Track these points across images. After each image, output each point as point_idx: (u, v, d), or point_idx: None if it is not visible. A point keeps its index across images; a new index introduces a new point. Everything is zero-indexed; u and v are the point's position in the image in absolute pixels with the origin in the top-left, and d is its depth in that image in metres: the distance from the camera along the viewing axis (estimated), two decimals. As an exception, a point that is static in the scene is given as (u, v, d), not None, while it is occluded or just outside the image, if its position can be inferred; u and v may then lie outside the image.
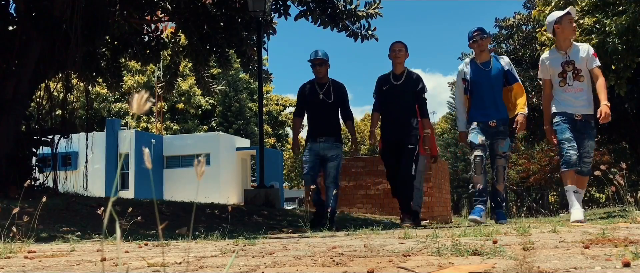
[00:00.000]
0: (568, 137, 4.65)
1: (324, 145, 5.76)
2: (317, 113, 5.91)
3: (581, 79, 4.77)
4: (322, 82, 5.93)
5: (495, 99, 5.31)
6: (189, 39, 8.97)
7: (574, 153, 4.61)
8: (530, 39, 13.52)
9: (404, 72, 5.79)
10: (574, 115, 4.71)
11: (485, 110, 5.31)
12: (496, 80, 5.36)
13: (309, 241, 2.75)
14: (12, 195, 5.53)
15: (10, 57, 6.50)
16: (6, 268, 1.67)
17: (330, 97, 5.86)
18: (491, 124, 5.25)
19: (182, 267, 1.61)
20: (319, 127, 5.84)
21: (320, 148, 5.76)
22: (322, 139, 5.76)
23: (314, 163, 5.75)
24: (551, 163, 25.91)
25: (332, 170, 5.77)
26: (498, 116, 5.27)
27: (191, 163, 22.30)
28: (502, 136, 5.27)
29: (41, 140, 6.86)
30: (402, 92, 5.72)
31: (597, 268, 1.27)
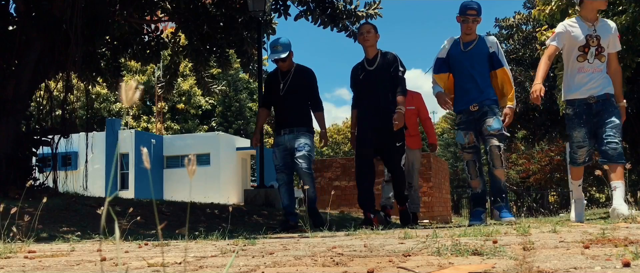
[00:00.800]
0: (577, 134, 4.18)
1: (288, 137, 5.26)
2: (281, 104, 5.40)
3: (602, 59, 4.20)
4: (287, 69, 5.42)
5: (476, 81, 4.77)
6: (189, 39, 8.97)
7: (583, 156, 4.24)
8: (530, 39, 13.53)
9: (377, 55, 5.26)
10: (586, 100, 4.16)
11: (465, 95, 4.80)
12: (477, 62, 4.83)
13: (309, 241, 2.75)
14: (12, 195, 5.53)
15: (10, 57, 6.50)
16: (6, 268, 1.67)
17: (294, 86, 5.34)
18: (472, 108, 4.72)
19: (182, 267, 1.61)
20: (283, 120, 5.36)
21: (286, 140, 5.26)
22: (286, 131, 5.28)
23: (284, 160, 5.27)
24: (551, 163, 25.93)
25: (302, 161, 5.15)
26: (480, 97, 4.72)
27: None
28: (489, 115, 4.68)
29: (41, 140, 6.86)
30: (378, 77, 5.20)
31: (597, 268, 1.27)
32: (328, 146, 27.67)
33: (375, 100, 5.19)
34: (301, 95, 5.38)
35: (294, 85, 5.35)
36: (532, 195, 26.42)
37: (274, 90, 5.45)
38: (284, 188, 5.31)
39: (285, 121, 5.33)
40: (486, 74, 4.82)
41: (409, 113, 6.02)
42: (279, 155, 5.28)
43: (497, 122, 4.66)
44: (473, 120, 4.74)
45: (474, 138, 4.75)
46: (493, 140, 4.64)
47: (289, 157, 5.26)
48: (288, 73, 5.40)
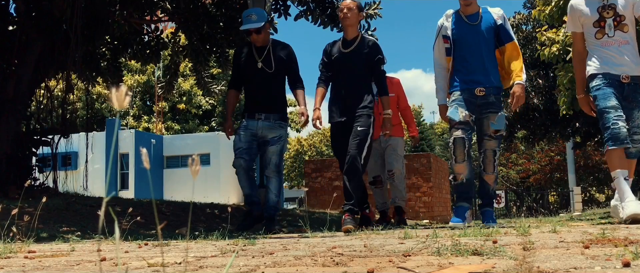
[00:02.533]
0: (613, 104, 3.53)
1: (263, 124, 4.65)
2: (255, 85, 4.76)
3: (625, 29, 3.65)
4: (262, 45, 4.78)
5: (484, 61, 4.17)
6: (189, 39, 8.97)
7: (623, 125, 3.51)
8: (530, 39, 13.53)
9: (357, 38, 4.67)
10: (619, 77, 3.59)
11: (470, 74, 4.17)
12: (486, 38, 4.21)
13: (309, 241, 2.75)
14: (12, 195, 5.53)
15: (10, 57, 6.50)
16: (6, 268, 1.67)
17: (271, 65, 4.72)
18: (478, 92, 4.11)
19: (182, 267, 1.61)
20: (258, 102, 4.73)
21: (258, 127, 4.66)
22: (261, 116, 4.66)
23: (249, 144, 4.65)
24: (551, 163, 25.94)
25: (273, 157, 4.65)
26: (488, 83, 4.13)
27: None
28: (493, 109, 4.12)
29: (41, 140, 6.86)
30: (353, 62, 4.63)
31: (597, 268, 1.27)
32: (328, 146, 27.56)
33: (344, 87, 4.64)
34: (279, 74, 4.78)
35: (272, 62, 4.72)
36: (532, 195, 26.43)
37: (247, 68, 4.80)
38: (243, 175, 4.66)
39: (261, 104, 4.71)
40: (493, 52, 4.27)
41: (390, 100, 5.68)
42: (244, 138, 4.65)
43: (501, 120, 4.15)
44: (474, 103, 4.15)
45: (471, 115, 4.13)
46: (492, 142, 4.16)
47: (255, 144, 4.70)
48: (264, 49, 4.77)
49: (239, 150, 4.66)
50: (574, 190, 19.65)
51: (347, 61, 4.65)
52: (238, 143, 4.67)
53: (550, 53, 7.76)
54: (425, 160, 11.38)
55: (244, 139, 4.66)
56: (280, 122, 4.73)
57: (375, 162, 5.80)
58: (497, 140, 4.18)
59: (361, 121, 4.48)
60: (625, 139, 3.49)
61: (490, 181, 4.25)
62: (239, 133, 4.71)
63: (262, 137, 4.68)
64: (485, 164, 4.20)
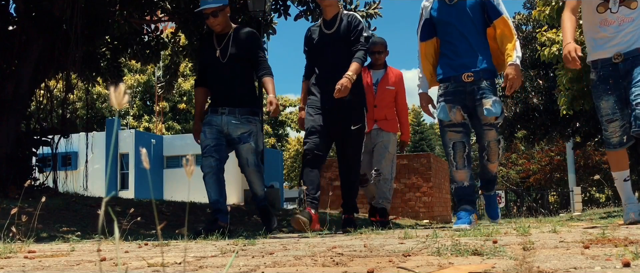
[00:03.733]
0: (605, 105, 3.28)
1: (227, 119, 4.18)
2: (215, 76, 4.31)
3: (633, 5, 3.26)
4: (222, 32, 4.30)
5: (471, 43, 3.77)
6: (189, 39, 8.97)
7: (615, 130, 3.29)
8: (530, 39, 13.52)
9: (337, 16, 4.29)
10: (611, 59, 3.28)
11: (457, 58, 3.77)
12: (471, 17, 3.79)
13: (309, 241, 2.75)
14: (12, 195, 5.53)
15: (10, 57, 6.50)
16: (6, 268, 1.66)
17: (233, 52, 4.23)
18: (466, 78, 3.72)
19: (182, 267, 1.61)
20: (219, 95, 4.29)
21: (223, 123, 4.19)
22: (225, 111, 4.20)
23: (217, 141, 4.18)
24: (551, 163, 25.94)
25: (249, 156, 4.21)
26: (476, 65, 3.72)
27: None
28: (486, 94, 3.69)
29: (41, 140, 6.86)
30: (336, 44, 4.26)
31: (597, 268, 1.27)
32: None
33: (330, 71, 4.24)
34: (243, 63, 4.29)
35: (234, 50, 4.24)
36: (532, 195, 26.43)
37: (206, 58, 4.37)
38: (211, 177, 4.17)
39: (224, 97, 4.26)
40: (482, 32, 3.83)
41: (388, 93, 5.37)
42: (210, 136, 4.19)
43: (497, 105, 3.70)
44: (463, 92, 3.76)
45: (463, 114, 3.77)
46: (492, 132, 3.80)
47: (224, 141, 4.24)
48: (225, 37, 4.29)
49: (207, 148, 4.16)
50: (574, 190, 19.65)
51: (331, 43, 4.28)
52: (204, 140, 4.19)
53: (550, 53, 7.76)
54: (425, 160, 11.38)
55: (210, 136, 4.18)
56: (247, 116, 4.23)
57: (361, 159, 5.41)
58: (496, 128, 3.86)
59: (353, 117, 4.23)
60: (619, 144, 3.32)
61: (494, 169, 4.15)
62: (204, 131, 4.23)
63: (229, 135, 4.21)
64: (490, 154, 3.95)
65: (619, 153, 3.37)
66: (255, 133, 4.28)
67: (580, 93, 8.26)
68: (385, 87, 5.39)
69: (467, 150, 3.80)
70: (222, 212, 4.17)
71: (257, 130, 4.32)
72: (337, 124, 4.24)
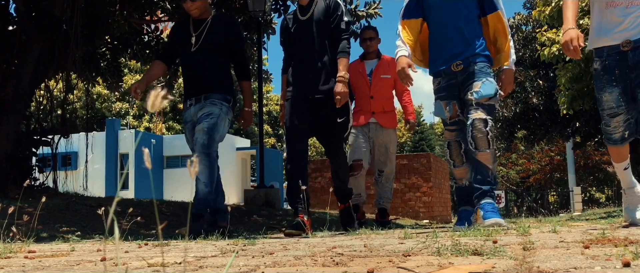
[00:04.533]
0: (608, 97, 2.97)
1: (194, 109, 3.85)
2: (190, 64, 3.95)
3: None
4: (200, 18, 3.94)
5: (461, 29, 3.48)
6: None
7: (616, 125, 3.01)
8: (530, 39, 13.53)
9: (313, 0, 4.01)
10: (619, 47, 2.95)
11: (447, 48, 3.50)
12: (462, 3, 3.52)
13: (309, 241, 2.75)
14: (12, 195, 5.53)
15: (10, 57, 6.50)
16: (6, 268, 1.66)
17: (209, 41, 3.88)
18: (455, 67, 3.46)
19: (182, 267, 1.61)
20: (190, 85, 3.95)
21: (191, 114, 3.88)
22: (192, 101, 3.87)
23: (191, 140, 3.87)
24: (551, 163, 25.95)
25: (198, 135, 3.70)
26: (467, 52, 3.45)
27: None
28: (476, 76, 3.40)
29: (41, 140, 6.86)
30: (315, 30, 3.96)
31: (597, 268, 1.27)
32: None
33: (309, 60, 3.95)
34: (219, 54, 3.92)
35: (210, 39, 3.89)
36: (532, 195, 26.44)
37: (180, 43, 4.00)
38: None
39: (193, 88, 3.91)
40: (474, 20, 3.55)
41: (384, 82, 5.14)
42: (188, 136, 3.93)
43: (487, 87, 3.37)
44: (456, 84, 3.50)
45: (459, 110, 3.52)
46: (477, 111, 3.32)
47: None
48: (203, 23, 3.93)
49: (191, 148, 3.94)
50: (574, 190, 19.66)
51: (307, 30, 3.98)
52: (188, 142, 3.98)
53: (550, 53, 7.77)
54: (425, 160, 11.37)
55: (190, 136, 3.90)
56: (213, 99, 3.81)
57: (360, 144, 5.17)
58: (486, 109, 3.35)
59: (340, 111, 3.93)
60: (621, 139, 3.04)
61: (487, 160, 3.36)
62: (184, 128, 4.01)
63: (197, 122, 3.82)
64: (476, 140, 3.33)
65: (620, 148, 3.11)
66: (216, 115, 3.77)
67: (580, 93, 8.27)
68: (380, 76, 5.12)
69: (464, 146, 3.53)
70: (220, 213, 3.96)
71: (221, 114, 3.80)
72: (320, 115, 3.94)
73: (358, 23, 8.74)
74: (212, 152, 3.70)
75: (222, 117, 3.80)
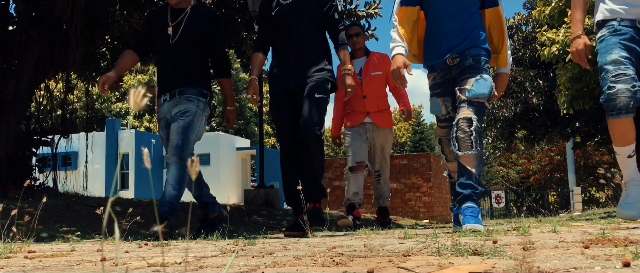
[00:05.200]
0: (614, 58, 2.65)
1: (168, 105, 3.63)
2: (165, 57, 3.72)
3: None
4: (179, 7, 3.68)
5: (461, 23, 3.24)
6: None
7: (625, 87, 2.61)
8: (530, 39, 13.54)
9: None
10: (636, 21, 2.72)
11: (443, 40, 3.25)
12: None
13: (309, 241, 2.75)
14: (12, 195, 5.53)
15: (10, 57, 6.50)
16: (6, 268, 1.66)
17: (188, 34, 3.64)
18: (451, 61, 3.20)
19: (182, 267, 1.61)
20: (165, 79, 3.70)
21: (165, 111, 3.65)
22: (167, 97, 3.64)
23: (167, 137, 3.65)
24: (551, 163, 25.95)
25: (173, 136, 3.50)
26: (462, 45, 3.19)
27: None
28: (470, 73, 3.13)
29: (41, 140, 6.86)
30: (299, 13, 3.66)
31: (597, 268, 1.27)
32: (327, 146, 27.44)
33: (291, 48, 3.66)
34: (197, 47, 3.69)
35: (188, 32, 3.64)
36: (532, 195, 26.44)
37: (155, 34, 3.74)
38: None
39: (168, 82, 3.67)
40: (474, 12, 3.30)
41: (376, 80, 4.96)
42: (162, 133, 3.72)
43: (481, 85, 3.08)
44: (451, 79, 3.24)
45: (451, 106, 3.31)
46: (464, 110, 3.06)
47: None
48: (181, 12, 3.68)
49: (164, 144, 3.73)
50: (574, 190, 19.66)
51: (291, 13, 3.67)
52: (163, 141, 3.75)
53: (550, 53, 7.77)
54: (425, 160, 11.38)
55: (164, 133, 3.70)
56: (189, 95, 3.59)
57: (360, 146, 4.95)
58: (474, 107, 3.07)
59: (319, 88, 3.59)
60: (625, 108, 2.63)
61: (470, 164, 3.04)
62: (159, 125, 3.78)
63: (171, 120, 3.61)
64: (459, 140, 3.04)
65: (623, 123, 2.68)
66: (193, 114, 3.54)
67: (580, 93, 8.27)
68: (371, 73, 4.95)
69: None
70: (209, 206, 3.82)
71: (198, 112, 3.58)
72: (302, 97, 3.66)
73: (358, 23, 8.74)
74: (185, 155, 3.49)
75: (199, 114, 3.58)
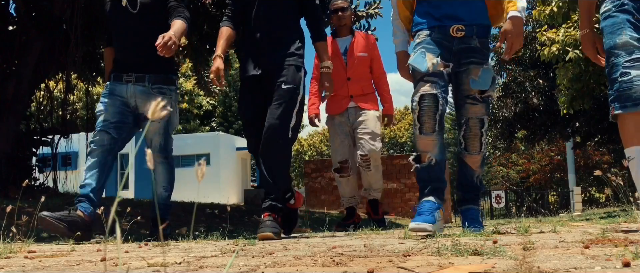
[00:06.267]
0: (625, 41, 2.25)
1: (134, 89, 3.34)
2: (124, 31, 3.42)
3: None
4: None
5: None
6: (189, 39, 8.98)
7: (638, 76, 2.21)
8: (530, 39, 13.54)
9: None
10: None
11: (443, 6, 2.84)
12: None
13: (309, 241, 2.75)
14: (12, 195, 5.54)
15: (10, 57, 6.51)
16: (6, 268, 1.66)
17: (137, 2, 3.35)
18: (455, 32, 2.80)
19: (182, 267, 1.61)
20: (127, 56, 3.41)
21: (129, 94, 3.34)
22: (131, 78, 3.34)
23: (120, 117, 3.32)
24: (551, 163, 25.96)
25: (154, 137, 3.36)
26: (468, 18, 2.83)
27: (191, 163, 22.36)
28: (476, 58, 2.83)
29: (41, 140, 6.87)
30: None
31: (597, 268, 1.27)
32: (328, 146, 27.41)
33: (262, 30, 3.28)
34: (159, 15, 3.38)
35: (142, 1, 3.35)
36: (532, 195, 26.44)
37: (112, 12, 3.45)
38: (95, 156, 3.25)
39: (132, 60, 3.38)
40: None
41: (361, 61, 4.51)
42: (112, 109, 3.32)
43: (486, 75, 2.82)
44: (449, 49, 2.83)
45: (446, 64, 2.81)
46: (477, 107, 2.84)
47: (130, 117, 3.37)
48: None
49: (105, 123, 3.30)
50: (574, 190, 19.67)
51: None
52: (103, 113, 3.32)
53: (550, 53, 7.77)
54: (425, 160, 11.39)
55: (113, 110, 3.32)
56: (160, 86, 3.36)
57: (341, 143, 4.52)
58: (485, 104, 2.87)
59: (286, 76, 3.19)
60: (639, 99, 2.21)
61: (475, 165, 2.93)
62: (104, 100, 3.36)
63: (136, 109, 3.35)
64: (468, 140, 2.89)
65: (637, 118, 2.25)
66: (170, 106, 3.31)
67: (580, 93, 8.27)
68: (356, 54, 4.49)
69: (441, 108, 2.71)
70: (87, 200, 3.23)
71: (173, 104, 3.39)
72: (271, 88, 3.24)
73: (358, 23, 8.74)
74: (170, 154, 3.41)
75: (173, 106, 3.38)
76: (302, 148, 38.25)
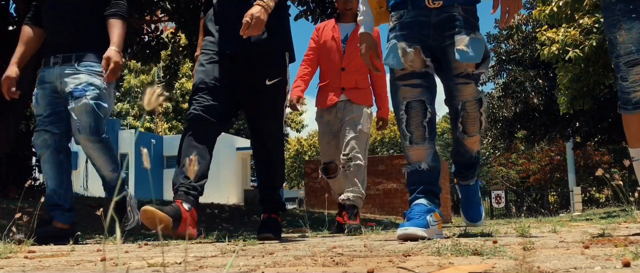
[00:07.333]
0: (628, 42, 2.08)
1: (60, 70, 3.05)
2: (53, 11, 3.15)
3: None
4: None
5: None
6: (189, 39, 8.99)
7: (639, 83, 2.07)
8: (530, 39, 13.55)
9: None
10: None
11: None
12: None
13: (309, 241, 2.75)
14: (12, 195, 5.54)
15: (10, 57, 6.50)
16: (6, 268, 1.67)
17: None
18: (431, 2, 2.38)
19: (182, 267, 1.61)
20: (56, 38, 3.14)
21: (56, 76, 3.06)
22: (59, 59, 3.08)
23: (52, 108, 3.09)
24: (551, 163, 25.97)
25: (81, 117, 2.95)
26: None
27: (191, 163, 22.32)
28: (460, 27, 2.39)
29: (41, 140, 6.86)
30: None
31: (597, 268, 1.27)
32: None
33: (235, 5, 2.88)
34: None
35: None
36: (532, 195, 26.45)
37: None
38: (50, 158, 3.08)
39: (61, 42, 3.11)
40: None
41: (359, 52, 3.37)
42: (43, 101, 3.10)
43: (477, 45, 2.38)
44: (427, 25, 2.43)
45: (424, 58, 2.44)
46: (468, 87, 2.47)
47: (62, 104, 3.08)
48: None
49: (40, 119, 3.10)
50: (574, 190, 19.67)
51: None
52: (36, 108, 3.13)
53: (550, 53, 7.78)
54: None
55: (43, 101, 3.09)
56: (89, 64, 3.04)
57: (327, 144, 4.22)
58: (477, 80, 2.51)
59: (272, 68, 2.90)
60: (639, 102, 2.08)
61: (474, 145, 2.71)
62: (36, 92, 3.14)
63: (63, 92, 3.04)
64: (467, 122, 2.58)
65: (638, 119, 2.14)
66: (99, 88, 3.02)
67: (580, 93, 8.28)
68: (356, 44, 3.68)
69: (429, 114, 2.46)
70: (58, 207, 3.07)
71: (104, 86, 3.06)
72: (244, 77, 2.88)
73: (358, 23, 8.75)
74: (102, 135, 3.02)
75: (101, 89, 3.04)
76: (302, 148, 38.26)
